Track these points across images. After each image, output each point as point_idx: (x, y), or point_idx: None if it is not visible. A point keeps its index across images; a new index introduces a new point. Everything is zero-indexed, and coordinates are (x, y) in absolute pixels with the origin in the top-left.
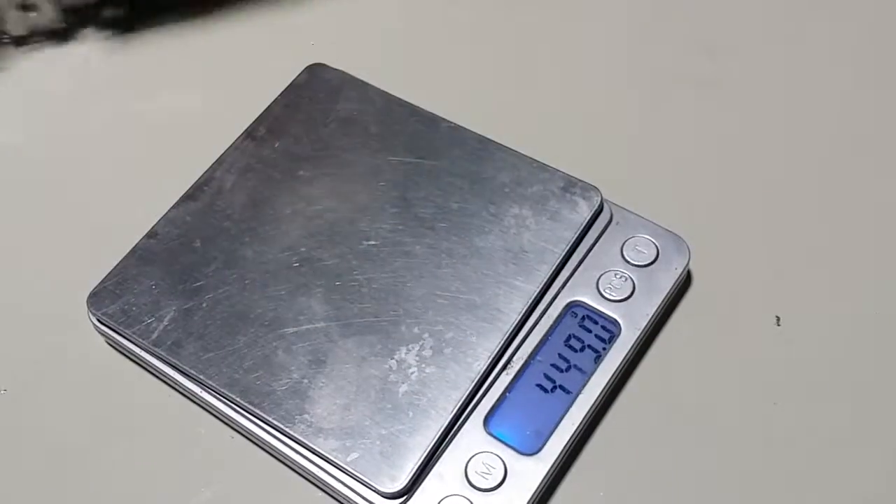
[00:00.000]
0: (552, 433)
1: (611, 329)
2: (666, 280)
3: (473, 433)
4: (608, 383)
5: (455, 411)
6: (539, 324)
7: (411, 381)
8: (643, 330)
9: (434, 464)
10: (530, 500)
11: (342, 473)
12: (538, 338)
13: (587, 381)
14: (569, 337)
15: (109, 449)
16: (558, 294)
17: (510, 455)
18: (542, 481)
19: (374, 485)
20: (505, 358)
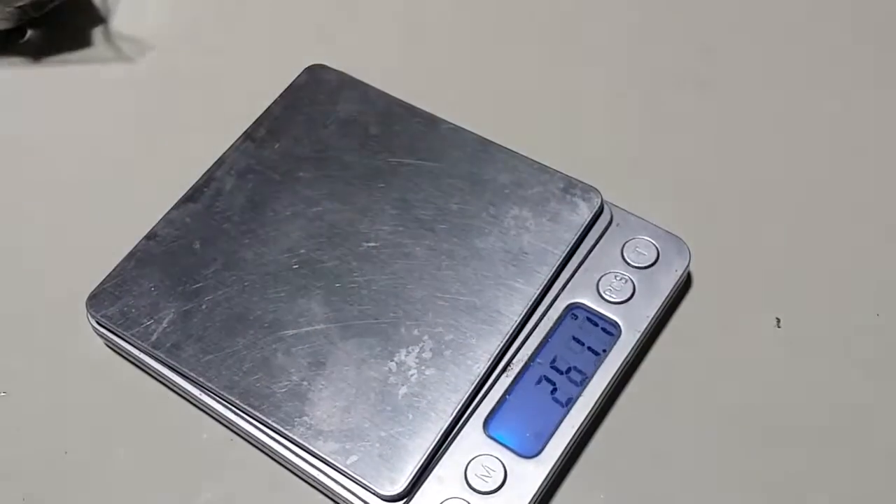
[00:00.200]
0: (552, 436)
1: (611, 331)
2: (666, 282)
3: (473, 435)
4: (608, 385)
5: (455, 413)
6: (539, 326)
7: (411, 384)
8: (643, 332)
9: (434, 466)
10: (530, 503)
11: (342, 476)
12: (538, 340)
13: (587, 384)
14: (569, 339)
15: (108, 451)
16: (558, 296)
17: (510, 458)
18: (542, 484)
19: (374, 487)
20: (505, 360)
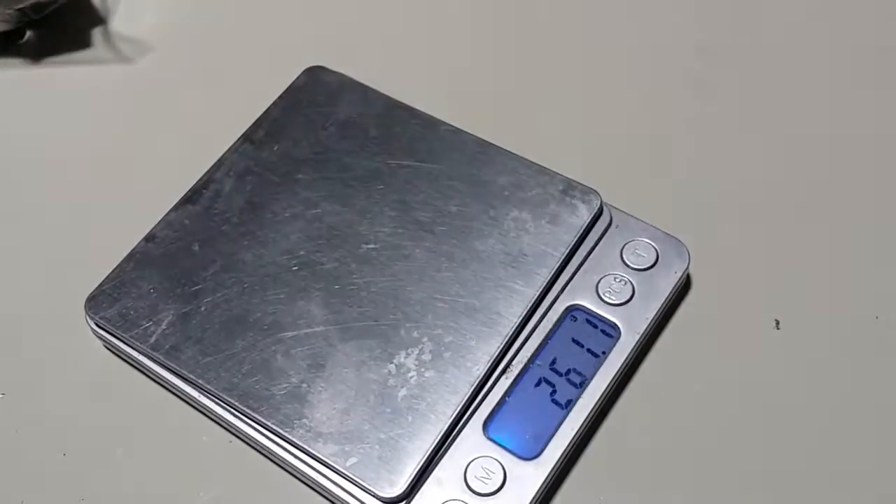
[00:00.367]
0: (551, 437)
1: (610, 333)
2: (665, 284)
3: (473, 437)
4: (607, 387)
5: (454, 415)
6: (538, 328)
7: (410, 386)
8: (643, 334)
9: (433, 468)
10: None
11: (341, 478)
12: (537, 342)
13: (586, 386)
14: (568, 341)
15: (107, 453)
16: (558, 298)
17: (509, 459)
18: (542, 486)
19: (373, 489)
20: (504, 362)
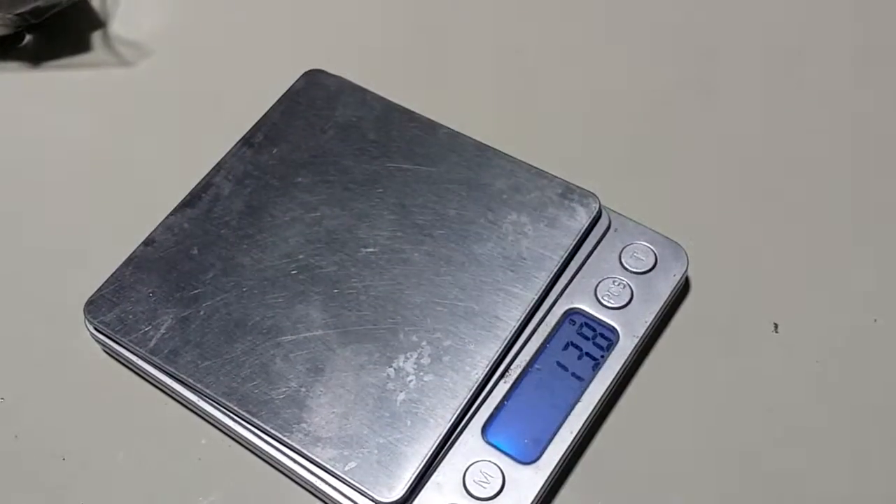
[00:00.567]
0: (550, 441)
1: (609, 336)
2: (664, 287)
3: (471, 442)
4: (606, 391)
5: (453, 420)
6: (537, 331)
7: (409, 390)
8: (641, 337)
9: (432, 473)
10: None
11: (340, 482)
12: (536, 345)
13: (585, 389)
14: (567, 344)
15: (107, 457)
16: (556, 301)
17: (508, 464)
18: (540, 490)
19: (372, 494)
20: (503, 366)
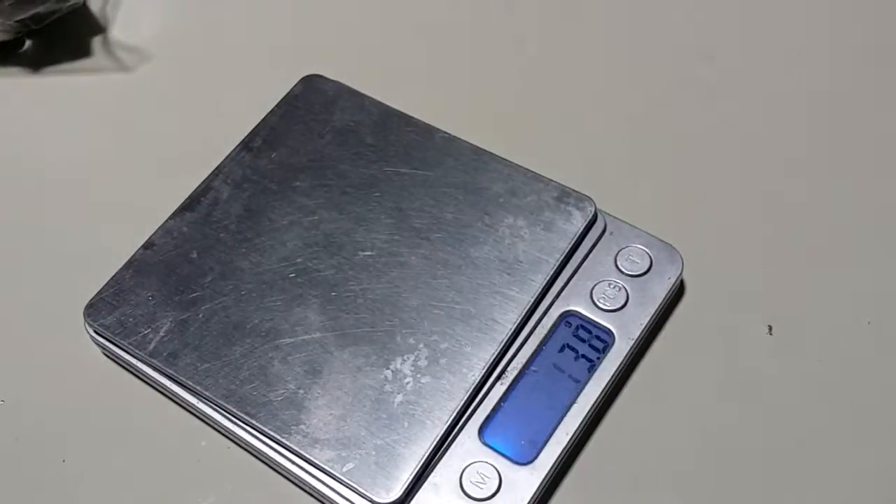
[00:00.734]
0: (546, 443)
1: (605, 338)
2: (659, 290)
3: (468, 443)
4: (602, 393)
5: (450, 421)
6: (533, 334)
7: (406, 392)
8: (637, 339)
9: (429, 473)
10: None
11: (338, 483)
12: (532, 348)
13: (581, 391)
14: (563, 347)
15: (106, 459)
16: (552, 304)
17: (505, 465)
18: (537, 491)
19: (370, 495)
20: (500, 368)
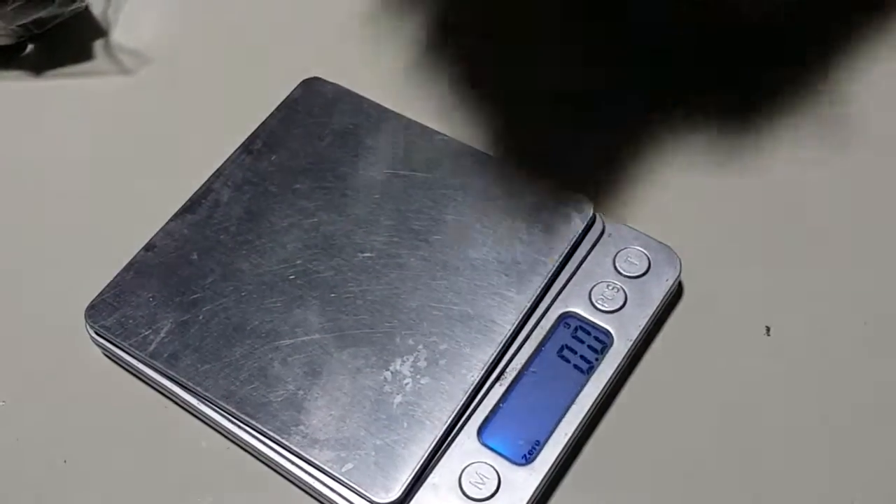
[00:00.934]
0: (545, 443)
1: (603, 340)
2: (657, 291)
3: (467, 443)
4: (601, 393)
5: (449, 422)
6: (532, 335)
7: (406, 393)
8: (635, 340)
9: (428, 474)
10: None
11: (337, 484)
12: (531, 349)
13: (580, 392)
14: (561, 348)
15: (107, 459)
16: (551, 305)
17: (504, 465)
18: (535, 491)
19: (369, 495)
20: (499, 369)
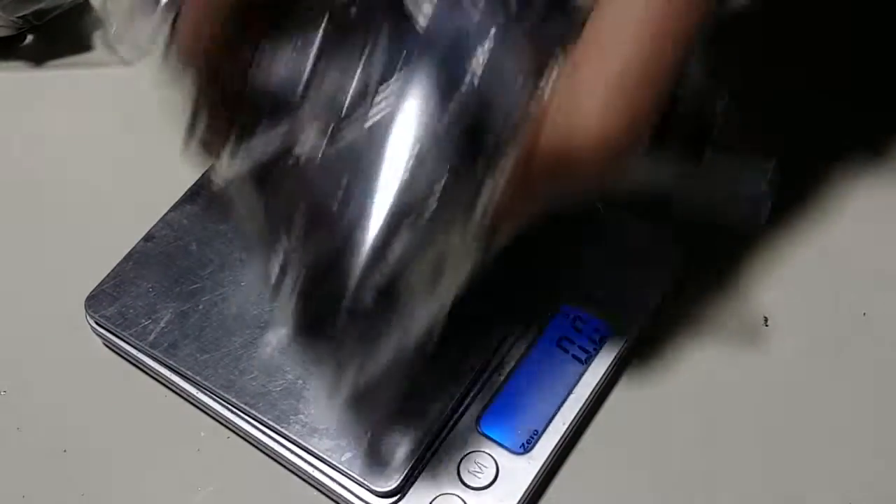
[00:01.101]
0: (543, 432)
1: (601, 329)
2: (656, 281)
3: (466, 433)
4: (598, 383)
5: (448, 411)
6: (530, 326)
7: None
8: (633, 330)
9: (427, 463)
10: (521, 499)
11: (336, 473)
12: (529, 339)
13: (578, 381)
14: (560, 337)
15: (107, 449)
16: (549, 297)
17: (502, 454)
18: (534, 480)
19: (368, 483)
20: (497, 358)
